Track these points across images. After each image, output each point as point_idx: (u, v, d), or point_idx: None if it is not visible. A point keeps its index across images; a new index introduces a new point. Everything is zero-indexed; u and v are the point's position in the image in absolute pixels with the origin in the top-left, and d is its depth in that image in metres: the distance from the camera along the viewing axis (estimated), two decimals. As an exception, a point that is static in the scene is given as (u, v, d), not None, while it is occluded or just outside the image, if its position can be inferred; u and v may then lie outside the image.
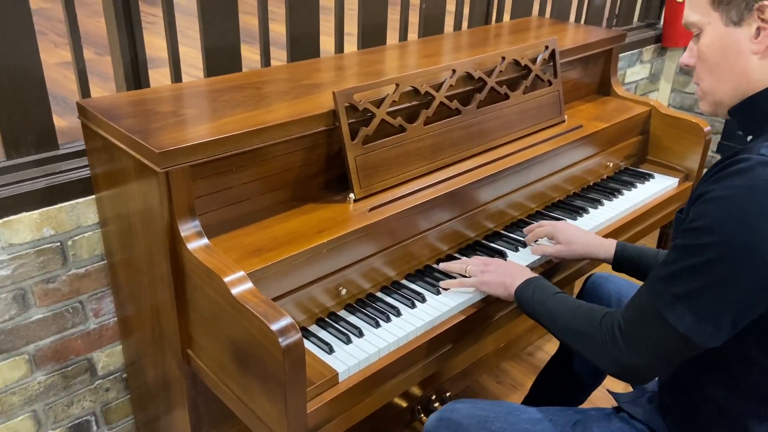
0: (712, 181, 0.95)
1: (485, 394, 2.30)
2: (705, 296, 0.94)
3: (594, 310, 1.14)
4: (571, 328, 1.16)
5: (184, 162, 1.17)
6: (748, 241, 0.90)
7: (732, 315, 0.94)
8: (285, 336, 1.03)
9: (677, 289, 0.96)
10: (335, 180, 1.47)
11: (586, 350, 1.12)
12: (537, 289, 1.27)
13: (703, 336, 0.96)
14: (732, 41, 1.00)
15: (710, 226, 0.93)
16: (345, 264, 1.34)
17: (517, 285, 1.31)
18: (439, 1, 2.18)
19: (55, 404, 1.63)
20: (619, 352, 1.05)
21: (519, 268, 1.38)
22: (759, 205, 0.89)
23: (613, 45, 2.12)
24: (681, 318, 0.96)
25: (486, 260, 1.45)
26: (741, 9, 0.98)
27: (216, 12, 1.63)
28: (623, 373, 1.06)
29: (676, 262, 0.97)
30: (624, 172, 2.06)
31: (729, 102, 1.05)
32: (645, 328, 1.02)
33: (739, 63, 1.01)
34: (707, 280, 0.93)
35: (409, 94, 1.53)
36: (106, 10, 1.50)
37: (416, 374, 1.34)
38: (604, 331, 1.08)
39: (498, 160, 1.65)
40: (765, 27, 0.97)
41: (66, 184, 1.44)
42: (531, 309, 1.27)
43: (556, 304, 1.21)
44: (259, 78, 1.58)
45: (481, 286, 1.39)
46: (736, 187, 0.91)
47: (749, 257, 0.90)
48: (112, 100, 1.39)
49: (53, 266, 1.49)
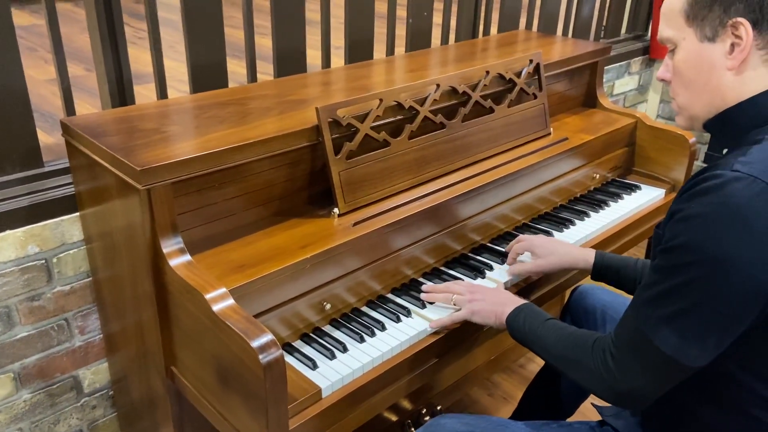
0: (685, 199, 0.95)
1: (477, 407, 2.29)
2: (688, 317, 0.94)
3: (585, 336, 1.13)
4: (563, 356, 1.15)
5: (165, 179, 1.17)
6: (724, 259, 0.90)
7: (717, 333, 0.94)
8: (265, 353, 1.03)
9: (660, 311, 0.96)
10: (320, 195, 1.48)
11: (581, 378, 1.11)
12: (528, 317, 1.25)
13: (690, 356, 0.95)
14: (706, 57, 1.01)
15: (686, 246, 0.92)
16: (329, 279, 1.34)
17: (508, 313, 1.29)
18: (426, 15, 2.20)
19: (41, 422, 1.62)
20: (612, 379, 1.04)
21: (507, 296, 1.36)
22: (733, 222, 0.89)
23: (599, 58, 2.14)
24: (666, 340, 0.96)
25: (470, 287, 1.41)
26: (715, 25, 0.99)
27: (202, 28, 1.64)
28: (619, 399, 1.06)
29: (657, 284, 0.97)
30: (611, 183, 2.07)
31: (704, 116, 1.06)
32: (634, 353, 1.01)
33: (714, 78, 1.01)
34: (689, 301, 0.93)
35: (394, 108, 1.53)
36: (91, 27, 1.51)
37: (402, 389, 1.34)
38: (596, 359, 1.07)
39: (483, 174, 1.66)
40: (739, 43, 0.97)
41: (50, 201, 1.44)
42: (523, 337, 1.25)
43: (547, 332, 1.20)
44: (245, 94, 1.59)
45: (471, 317, 1.36)
46: (709, 204, 0.91)
47: (727, 274, 0.90)
48: (96, 117, 1.40)
49: (38, 284, 1.48)
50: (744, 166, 0.91)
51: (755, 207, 0.89)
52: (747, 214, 0.89)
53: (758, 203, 0.89)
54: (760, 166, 0.91)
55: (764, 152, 0.94)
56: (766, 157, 0.93)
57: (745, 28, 0.96)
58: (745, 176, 0.90)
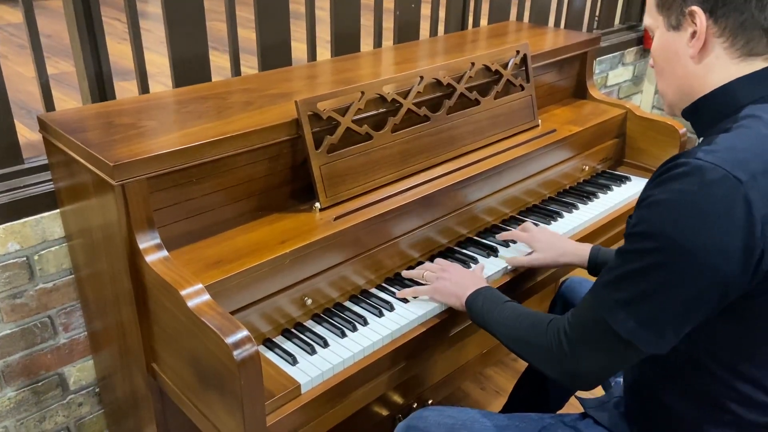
0: (652, 185, 0.95)
1: (469, 401, 2.28)
2: (646, 302, 0.94)
3: (540, 317, 1.14)
4: (517, 336, 1.15)
5: (140, 174, 1.16)
6: (686, 247, 0.89)
7: (674, 320, 0.94)
8: (240, 349, 1.02)
9: (619, 294, 0.96)
10: (301, 190, 1.47)
11: (532, 357, 1.12)
12: (486, 299, 1.26)
13: (646, 341, 0.95)
14: (672, 46, 1.02)
15: (649, 232, 0.92)
16: (310, 274, 1.33)
17: (467, 295, 1.30)
18: (414, 7, 2.18)
19: (26, 420, 1.61)
20: (564, 357, 1.05)
21: (473, 278, 1.37)
22: (695, 210, 0.88)
23: (588, 48, 2.12)
24: (624, 323, 0.95)
25: (444, 266, 1.44)
26: (678, 14, 1.00)
27: (183, 22, 1.62)
28: (568, 377, 1.06)
29: (618, 267, 0.97)
30: (601, 175, 2.06)
31: (678, 104, 1.07)
32: (590, 334, 1.01)
33: (680, 67, 1.02)
34: (648, 286, 0.93)
35: (376, 101, 1.52)
36: (69, 22, 1.50)
37: (384, 383, 1.33)
38: (549, 337, 1.07)
39: (469, 166, 1.65)
40: (695, 31, 0.98)
41: (30, 198, 1.43)
42: (481, 319, 1.26)
43: (503, 313, 1.21)
44: (226, 88, 1.57)
45: (434, 294, 1.38)
46: (674, 191, 0.91)
47: (687, 263, 0.90)
48: (74, 113, 1.39)
49: (20, 281, 1.48)
50: (707, 154, 0.90)
51: (715, 195, 0.88)
52: (706, 202, 0.88)
53: (718, 191, 0.88)
54: (723, 153, 0.90)
55: (729, 141, 0.93)
56: (731, 145, 0.92)
57: (699, 16, 0.97)
58: (708, 164, 0.89)
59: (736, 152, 0.91)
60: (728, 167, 0.88)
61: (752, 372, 0.99)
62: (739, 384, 1.00)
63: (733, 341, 0.98)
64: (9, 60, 3.09)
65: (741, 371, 1.00)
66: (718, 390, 1.01)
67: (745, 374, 1.00)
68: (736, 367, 0.99)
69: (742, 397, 1.01)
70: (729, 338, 0.98)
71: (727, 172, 0.88)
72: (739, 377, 1.00)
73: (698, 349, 0.99)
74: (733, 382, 1.00)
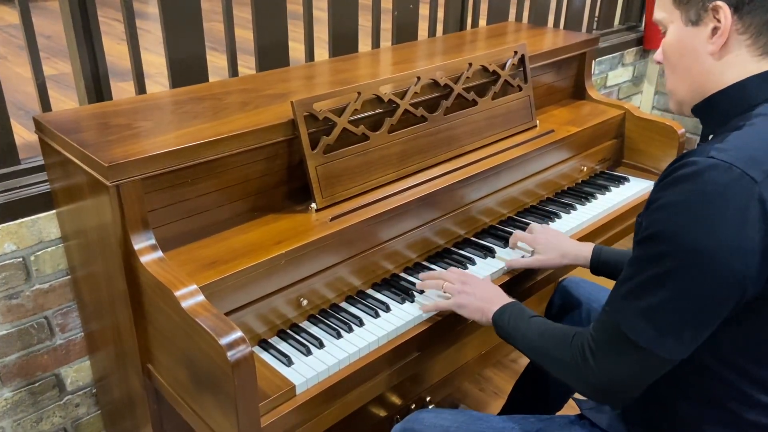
0: (662, 187, 0.93)
1: (468, 402, 2.28)
2: (664, 309, 0.92)
3: (565, 331, 1.11)
4: (545, 352, 1.13)
5: (134, 175, 1.16)
6: (700, 248, 0.87)
7: (693, 325, 0.92)
8: (234, 350, 1.02)
9: (636, 303, 0.94)
10: (298, 190, 1.46)
11: (561, 374, 1.10)
12: (513, 316, 1.24)
13: (666, 348, 0.94)
14: (690, 41, 1.00)
15: (663, 235, 0.90)
16: (306, 275, 1.33)
17: (494, 311, 1.27)
18: (412, 7, 2.18)
19: (23, 420, 1.61)
20: (591, 373, 1.02)
21: (496, 292, 1.34)
22: (710, 210, 0.87)
23: (586, 49, 2.11)
24: (643, 333, 0.94)
25: (462, 277, 1.39)
26: (698, 8, 0.97)
27: (180, 23, 1.62)
28: (599, 394, 1.04)
29: (633, 276, 0.95)
30: (599, 175, 2.05)
31: (690, 101, 1.05)
32: (612, 347, 0.99)
33: (697, 64, 1.00)
34: (665, 293, 0.91)
35: (373, 102, 1.52)
36: (66, 23, 1.50)
37: (380, 385, 1.32)
38: (575, 353, 1.05)
39: (467, 166, 1.64)
40: (719, 27, 0.96)
41: (27, 199, 1.43)
42: (507, 335, 1.23)
43: (530, 329, 1.18)
44: (222, 89, 1.57)
45: (458, 310, 1.34)
46: (687, 192, 0.89)
47: (702, 264, 0.88)
48: (70, 114, 1.39)
49: (16, 282, 1.47)
50: (720, 152, 0.89)
51: (731, 194, 0.87)
52: (722, 202, 0.87)
53: (734, 190, 0.87)
54: (736, 152, 0.89)
55: (742, 138, 0.92)
56: (743, 143, 0.91)
57: (724, 12, 0.94)
58: (721, 163, 0.88)
59: (749, 151, 0.89)
60: (743, 166, 0.87)
61: (757, 372, 0.98)
62: (744, 384, 0.99)
63: (739, 342, 0.97)
64: (8, 61, 3.09)
65: (747, 371, 0.99)
66: (721, 390, 1.01)
67: (750, 374, 0.99)
68: (742, 368, 0.98)
69: (745, 397, 1.00)
70: (735, 339, 0.97)
71: (742, 172, 0.86)
72: (744, 377, 0.99)
73: (702, 350, 0.98)
74: (738, 383, 0.99)
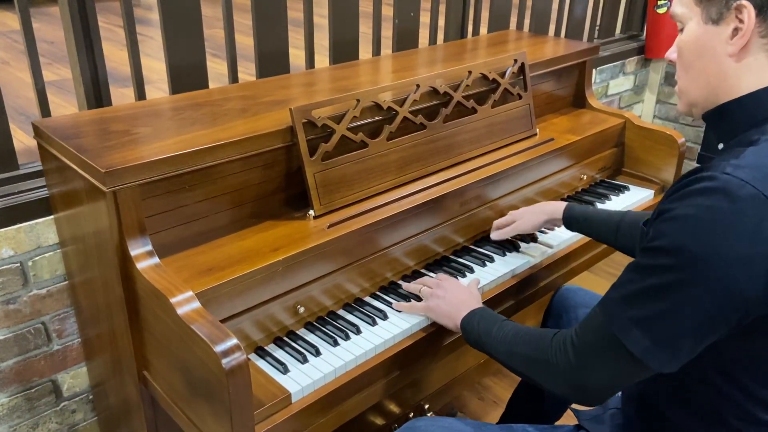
0: (674, 198, 0.91)
1: (466, 411, 2.26)
2: (663, 321, 0.90)
3: (544, 332, 1.10)
4: (519, 352, 1.11)
5: (132, 181, 1.16)
6: (706, 263, 0.85)
7: (690, 340, 0.91)
8: (229, 357, 1.01)
9: (634, 312, 0.92)
10: (296, 197, 1.46)
11: (535, 373, 1.08)
12: (482, 319, 1.22)
13: (660, 361, 0.92)
14: (708, 40, 0.96)
15: (670, 247, 0.88)
16: (303, 282, 1.32)
17: (462, 316, 1.26)
18: (413, 15, 2.18)
19: (19, 426, 1.60)
20: (570, 369, 1.01)
21: (468, 297, 1.33)
22: (720, 227, 0.85)
23: (587, 57, 2.11)
24: (637, 342, 0.92)
25: (440, 283, 1.39)
26: (721, 7, 0.94)
27: (181, 30, 1.63)
28: (573, 391, 1.03)
29: (633, 282, 0.93)
30: (599, 184, 2.05)
31: (702, 105, 1.02)
32: (599, 350, 0.98)
33: (714, 64, 0.97)
34: (665, 305, 0.89)
35: (372, 109, 1.52)
36: (66, 29, 1.50)
37: (377, 393, 1.32)
38: (555, 349, 1.04)
39: (465, 174, 1.64)
40: (741, 27, 0.92)
41: (25, 204, 1.43)
42: (476, 339, 1.22)
43: (503, 332, 1.17)
44: (222, 95, 1.57)
45: (427, 313, 1.35)
46: (699, 207, 0.87)
47: (710, 282, 0.86)
48: (69, 119, 1.39)
49: (13, 287, 1.47)
50: (736, 169, 0.87)
51: (743, 213, 0.85)
52: (734, 220, 0.85)
53: (747, 209, 0.85)
54: (752, 170, 0.87)
55: (758, 156, 0.89)
56: (759, 160, 0.88)
57: (748, 11, 0.91)
58: (737, 180, 0.86)
59: (766, 169, 0.87)
60: (758, 185, 0.85)
61: (760, 391, 0.97)
62: (747, 402, 0.98)
63: (744, 360, 0.96)
64: (10, 66, 3.11)
65: (750, 390, 0.97)
66: (724, 406, 0.99)
67: (754, 393, 0.97)
68: (746, 386, 0.97)
69: (748, 414, 0.99)
70: (740, 357, 0.96)
71: (757, 191, 0.85)
72: (748, 395, 0.97)
73: (707, 365, 0.96)
74: (741, 400, 0.98)
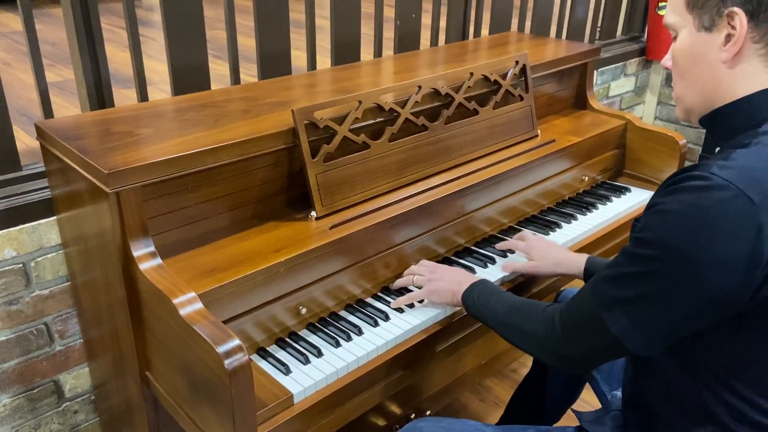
0: (664, 193, 0.93)
1: (467, 412, 2.27)
2: (642, 305, 0.94)
3: (537, 304, 1.16)
4: (513, 324, 1.18)
5: (134, 182, 1.16)
6: (689, 260, 0.88)
7: (664, 328, 0.94)
8: (231, 358, 1.02)
9: (617, 292, 0.97)
10: (298, 198, 1.46)
11: (525, 343, 1.15)
12: (482, 293, 1.29)
13: (634, 342, 0.96)
14: (702, 47, 0.97)
15: (654, 240, 0.91)
16: (305, 283, 1.33)
17: (463, 291, 1.32)
18: (414, 17, 2.18)
19: (21, 427, 1.61)
20: (556, 339, 1.08)
21: (465, 275, 1.40)
22: (704, 225, 0.87)
23: (588, 59, 2.12)
24: (617, 320, 0.96)
25: (431, 266, 1.46)
26: (713, 14, 0.95)
27: (183, 31, 1.63)
28: (560, 361, 1.10)
29: (620, 265, 0.97)
30: (600, 186, 2.05)
31: (698, 110, 1.03)
32: (582, 323, 1.03)
33: (707, 71, 0.98)
34: (645, 291, 0.93)
35: (374, 110, 1.52)
36: (69, 31, 1.51)
37: (379, 394, 1.32)
38: (544, 322, 1.10)
39: (468, 175, 1.64)
40: (734, 34, 0.93)
41: (27, 205, 1.43)
42: (477, 312, 1.28)
43: (499, 304, 1.23)
44: (224, 96, 1.58)
45: (429, 296, 1.40)
46: (685, 203, 0.89)
47: (688, 276, 0.89)
48: (71, 120, 1.39)
49: (16, 288, 1.47)
50: (722, 170, 0.88)
51: (725, 213, 0.86)
52: (715, 219, 0.86)
53: (729, 209, 0.86)
54: (738, 171, 0.88)
55: (747, 158, 0.90)
56: (747, 163, 0.89)
57: (740, 18, 0.92)
58: (721, 180, 0.87)
59: (751, 171, 0.88)
60: (742, 186, 0.86)
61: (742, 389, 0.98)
62: (737, 402, 0.99)
63: (733, 361, 0.97)
64: (12, 67, 3.11)
65: (732, 387, 0.98)
66: (712, 403, 1.00)
67: (736, 390, 0.98)
68: (728, 382, 0.98)
69: (735, 411, 0.99)
70: (728, 357, 0.97)
71: (740, 191, 0.86)
72: (731, 392, 0.99)
73: (697, 363, 0.98)
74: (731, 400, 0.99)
